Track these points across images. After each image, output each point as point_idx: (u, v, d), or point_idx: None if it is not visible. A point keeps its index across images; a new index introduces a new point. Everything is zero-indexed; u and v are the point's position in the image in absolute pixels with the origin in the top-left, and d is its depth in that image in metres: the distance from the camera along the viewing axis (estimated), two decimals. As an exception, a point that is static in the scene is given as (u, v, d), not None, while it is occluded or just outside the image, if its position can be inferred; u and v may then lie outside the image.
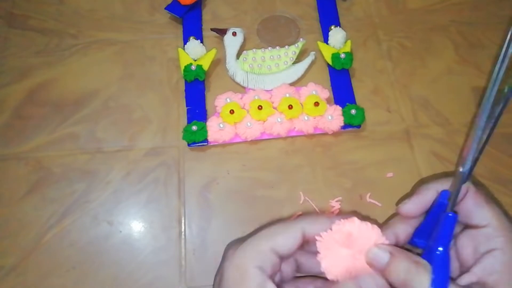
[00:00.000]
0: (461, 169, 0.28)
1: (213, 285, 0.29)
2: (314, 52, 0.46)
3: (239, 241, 0.28)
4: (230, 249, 0.28)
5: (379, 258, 0.27)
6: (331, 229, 0.27)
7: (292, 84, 0.45)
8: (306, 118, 0.42)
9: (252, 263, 0.26)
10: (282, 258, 0.28)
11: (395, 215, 0.31)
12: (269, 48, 0.46)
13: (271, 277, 0.27)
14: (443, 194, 0.29)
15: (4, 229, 0.39)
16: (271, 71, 0.45)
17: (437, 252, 0.26)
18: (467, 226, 0.29)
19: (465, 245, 0.29)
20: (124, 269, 0.37)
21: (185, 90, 0.45)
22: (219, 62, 0.47)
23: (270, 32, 0.49)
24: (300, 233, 0.27)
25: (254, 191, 0.40)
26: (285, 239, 0.27)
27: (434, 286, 0.25)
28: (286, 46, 0.46)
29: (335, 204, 0.40)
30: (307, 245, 0.29)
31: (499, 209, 0.29)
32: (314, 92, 0.43)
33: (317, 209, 0.39)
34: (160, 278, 0.37)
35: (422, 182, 0.35)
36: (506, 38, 0.28)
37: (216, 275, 0.29)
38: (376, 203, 0.40)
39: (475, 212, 0.29)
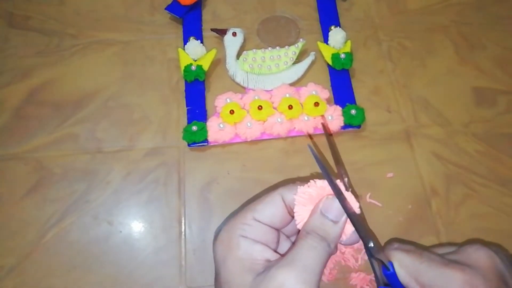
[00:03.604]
0: (371, 244, 0.28)
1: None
2: (314, 52, 0.46)
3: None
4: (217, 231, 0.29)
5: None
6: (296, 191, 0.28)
7: (292, 84, 0.45)
8: (306, 118, 0.42)
9: (235, 234, 0.27)
10: (274, 227, 0.28)
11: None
12: (269, 48, 0.46)
13: (263, 243, 0.27)
14: (390, 265, 0.28)
15: (4, 229, 0.39)
16: (271, 71, 0.45)
17: None
18: None
19: None
20: (124, 269, 0.37)
21: (185, 90, 0.45)
22: (219, 62, 0.47)
23: (270, 32, 0.49)
24: (280, 200, 0.28)
25: (254, 191, 0.40)
26: (265, 205, 0.28)
27: None
28: (286, 47, 0.46)
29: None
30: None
31: (437, 270, 0.27)
32: (314, 92, 0.43)
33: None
34: (160, 278, 0.37)
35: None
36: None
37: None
38: (376, 203, 0.40)
39: (412, 277, 0.27)
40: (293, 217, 0.29)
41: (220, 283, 0.27)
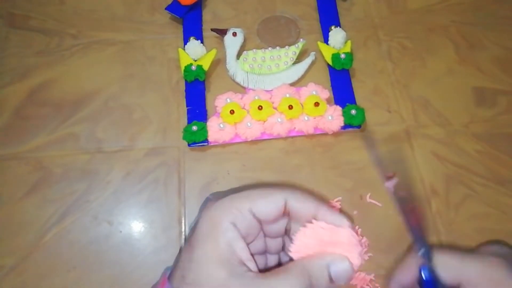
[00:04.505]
0: (419, 253, 0.31)
1: (188, 234, 0.29)
2: (314, 53, 0.46)
3: (222, 194, 0.29)
4: (211, 200, 0.28)
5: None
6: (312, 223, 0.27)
7: (292, 84, 0.45)
8: (306, 118, 0.42)
9: (227, 217, 0.26)
10: (261, 222, 0.28)
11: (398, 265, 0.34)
12: (269, 48, 0.46)
13: (245, 238, 0.27)
14: (424, 270, 0.30)
15: (4, 229, 0.39)
16: (271, 71, 0.45)
17: None
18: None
19: None
20: (124, 269, 0.37)
21: (185, 90, 0.45)
22: (219, 62, 0.47)
23: (270, 32, 0.49)
24: (282, 202, 0.27)
25: (254, 191, 0.40)
26: (266, 203, 0.27)
27: None
28: (286, 47, 0.46)
29: (335, 204, 0.40)
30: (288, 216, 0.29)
31: (472, 262, 0.30)
32: (314, 92, 0.43)
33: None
34: (160, 278, 0.37)
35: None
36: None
37: (192, 224, 0.29)
38: (376, 203, 0.40)
39: (452, 275, 0.30)
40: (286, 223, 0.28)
41: (191, 252, 0.26)
